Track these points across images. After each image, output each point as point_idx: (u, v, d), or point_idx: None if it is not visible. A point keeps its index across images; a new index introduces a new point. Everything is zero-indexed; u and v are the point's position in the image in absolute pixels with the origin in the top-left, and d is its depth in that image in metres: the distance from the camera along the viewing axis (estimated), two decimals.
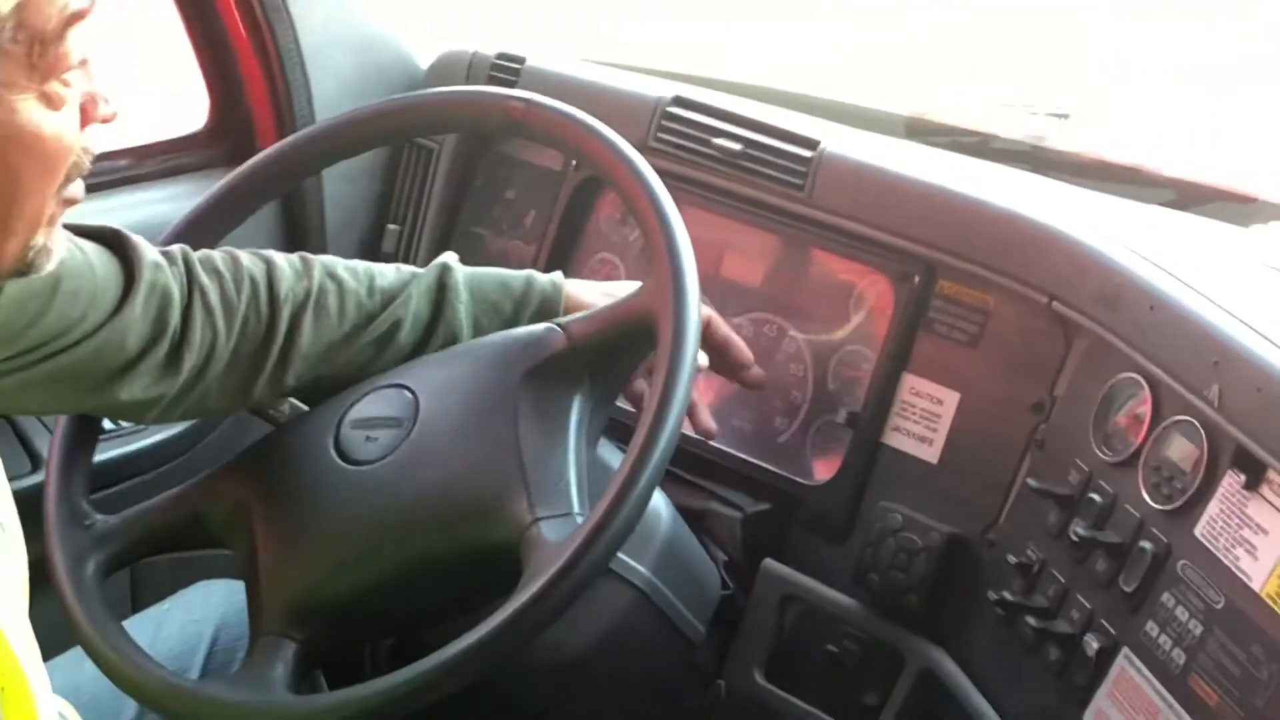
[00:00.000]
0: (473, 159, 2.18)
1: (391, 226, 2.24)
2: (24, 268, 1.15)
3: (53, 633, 1.58)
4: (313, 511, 1.52)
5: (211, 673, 1.67)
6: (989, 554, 1.61)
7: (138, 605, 1.84)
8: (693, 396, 1.56)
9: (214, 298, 1.50)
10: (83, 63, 1.10)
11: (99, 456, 1.71)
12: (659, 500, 1.67)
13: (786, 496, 1.81)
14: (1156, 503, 1.41)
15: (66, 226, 1.42)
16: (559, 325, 1.52)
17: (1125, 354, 1.49)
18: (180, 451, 2.08)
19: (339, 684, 1.42)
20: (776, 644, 1.77)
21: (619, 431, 1.58)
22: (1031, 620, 1.50)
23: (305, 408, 1.68)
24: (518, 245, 2.10)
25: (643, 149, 1.52)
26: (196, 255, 1.54)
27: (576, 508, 1.43)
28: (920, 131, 2.08)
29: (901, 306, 1.74)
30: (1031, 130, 2.12)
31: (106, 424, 1.87)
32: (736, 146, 1.88)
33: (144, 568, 1.78)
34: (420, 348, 1.60)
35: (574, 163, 2.03)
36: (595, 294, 1.62)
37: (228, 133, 2.24)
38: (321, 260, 1.59)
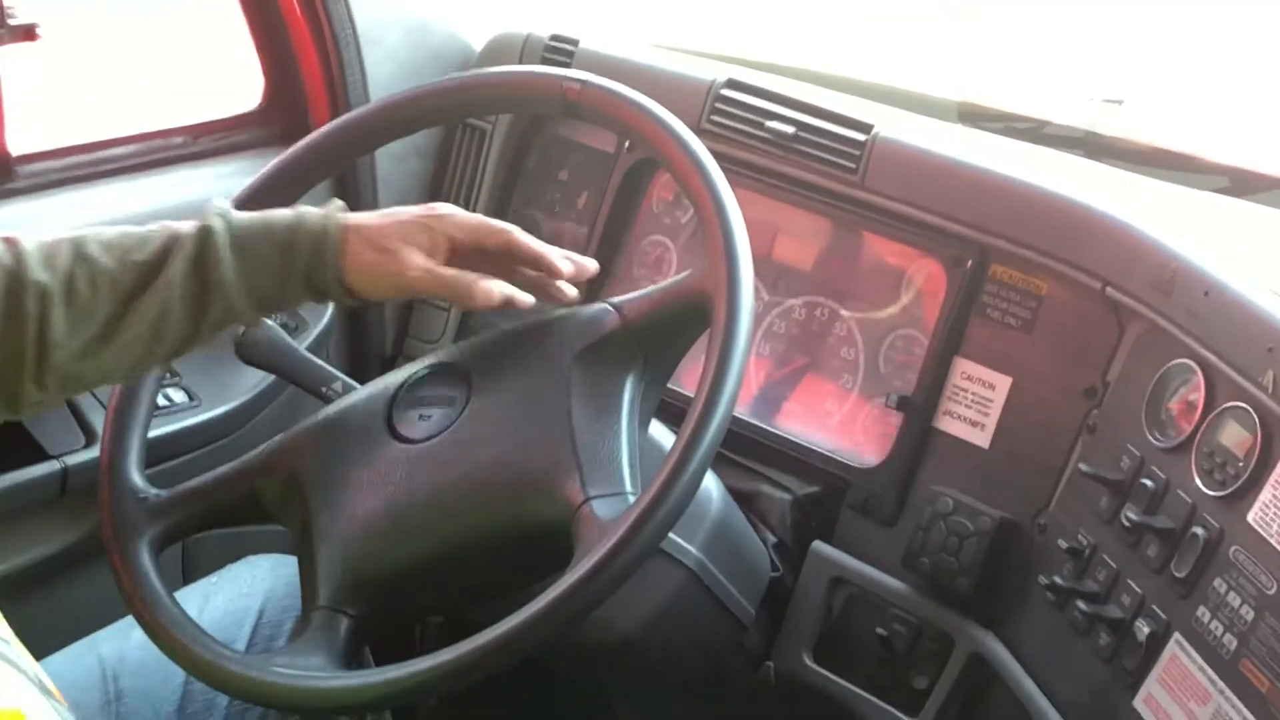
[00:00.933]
0: (526, 140, 2.18)
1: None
2: None
3: (104, 603, 1.61)
4: (366, 488, 1.53)
5: (256, 646, 1.68)
6: (1040, 538, 1.61)
7: (187, 578, 1.85)
8: None
9: None
10: None
11: (153, 432, 1.72)
12: (710, 481, 1.68)
13: (837, 479, 1.81)
14: (1209, 489, 1.41)
15: None
16: (613, 305, 1.53)
17: (1179, 340, 1.49)
18: (234, 427, 2.09)
19: (388, 662, 1.44)
20: (825, 626, 1.78)
21: (670, 412, 1.59)
22: (1082, 605, 1.50)
23: (357, 385, 1.69)
24: (570, 226, 2.10)
25: (696, 131, 1.52)
26: None
27: (629, 487, 1.44)
28: (973, 116, 2.08)
29: (954, 290, 1.74)
30: (1086, 116, 2.11)
31: (160, 399, 1.89)
32: (790, 130, 1.88)
33: (194, 541, 1.80)
34: (197, 327, 1.47)
35: (627, 144, 2.03)
36: (385, 222, 1.49)
37: (282, 111, 2.24)
38: (75, 238, 1.46)
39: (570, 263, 1.55)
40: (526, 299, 1.51)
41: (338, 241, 1.46)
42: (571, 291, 1.58)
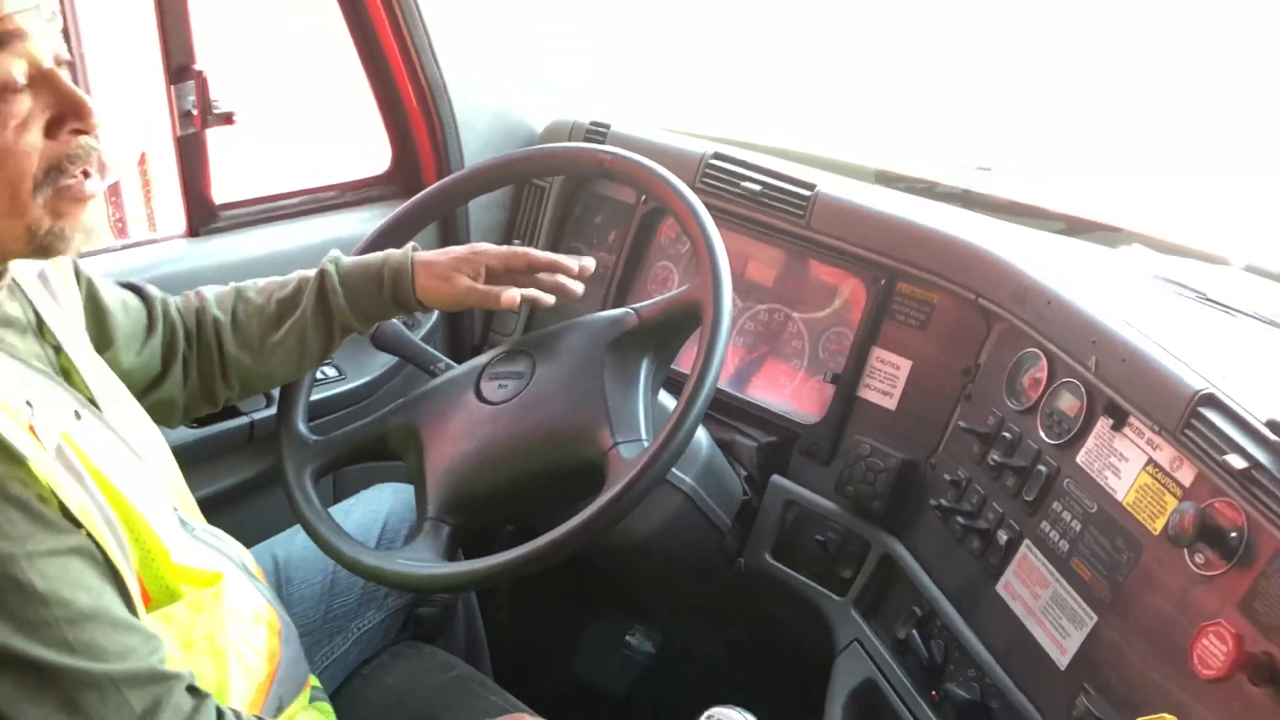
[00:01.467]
0: (573, 195, 2.17)
1: (515, 241, 2.22)
2: (38, 250, 1.08)
3: (279, 518, 1.61)
4: (461, 434, 1.54)
5: (383, 546, 1.68)
6: (931, 473, 1.61)
7: (336, 499, 1.86)
8: None
9: (179, 330, 1.51)
10: (38, 81, 1.02)
11: (313, 396, 1.73)
12: (701, 432, 1.68)
13: (789, 431, 1.80)
14: (1050, 439, 1.41)
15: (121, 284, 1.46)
16: (633, 309, 1.53)
17: (1029, 335, 1.49)
18: (369, 393, 2.08)
19: (476, 557, 1.44)
20: (780, 534, 1.77)
21: (672, 384, 1.58)
22: (960, 520, 1.50)
23: (455, 364, 1.69)
24: (604, 255, 2.09)
25: (691, 189, 1.52)
26: (168, 299, 1.53)
27: (644, 435, 1.44)
28: (885, 179, 2.06)
29: (872, 300, 1.73)
30: (964, 179, 2.10)
31: (318, 374, 1.89)
32: (757, 187, 1.88)
33: (343, 474, 1.79)
34: (328, 340, 1.56)
35: (644, 198, 2.02)
36: (424, 264, 1.56)
37: (403, 174, 2.23)
38: (241, 286, 1.57)
39: (576, 263, 1.61)
40: (545, 298, 1.59)
41: (410, 274, 1.55)
42: (579, 287, 1.61)
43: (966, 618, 1.47)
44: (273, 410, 1.92)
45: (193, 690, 1.07)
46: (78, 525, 1.00)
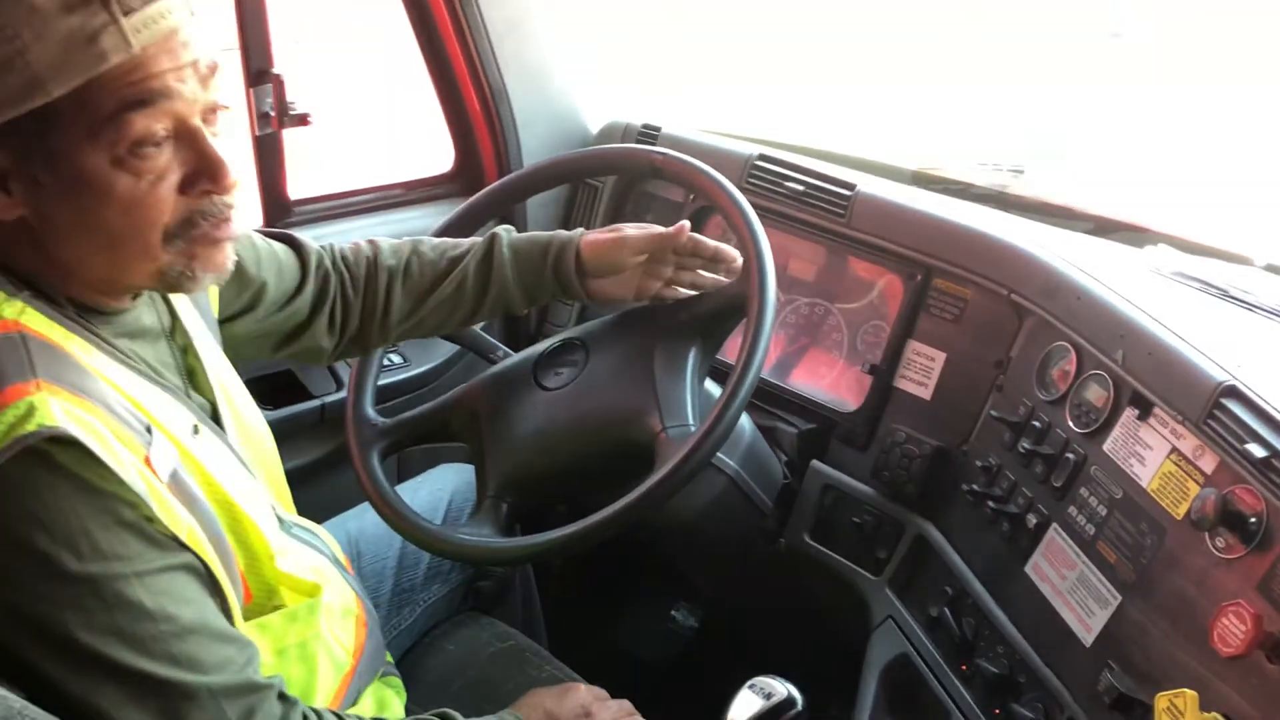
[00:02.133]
0: (624, 194, 2.18)
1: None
2: (167, 287, 1.09)
3: (349, 494, 1.64)
4: (519, 419, 1.55)
5: (449, 522, 1.70)
6: (963, 460, 1.61)
7: (404, 478, 1.88)
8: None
9: (346, 277, 1.51)
10: (181, 137, 1.00)
11: (381, 381, 1.75)
12: (744, 418, 1.69)
13: (828, 419, 1.80)
14: (1078, 428, 1.41)
15: (262, 231, 1.45)
16: (683, 303, 1.54)
17: (1059, 329, 1.49)
18: (433, 379, 2.11)
19: (532, 533, 1.46)
20: (819, 516, 1.77)
21: (718, 373, 1.60)
22: (991, 504, 1.50)
23: (513, 352, 1.71)
24: None
25: (737, 188, 1.53)
26: (336, 246, 1.53)
27: (692, 421, 1.45)
28: (922, 180, 2.06)
29: (908, 295, 1.73)
30: (997, 180, 2.09)
31: (385, 361, 1.91)
32: (800, 187, 1.88)
33: (407, 453, 1.82)
34: (482, 297, 1.54)
35: (692, 196, 2.03)
36: (592, 243, 1.53)
37: (466, 173, 2.26)
38: (415, 240, 1.56)
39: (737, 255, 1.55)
40: (679, 293, 1.56)
41: (576, 249, 1.53)
42: (726, 279, 1.56)
43: (996, 597, 1.47)
44: (343, 394, 1.95)
45: (282, 697, 1.09)
46: (184, 545, 1.03)
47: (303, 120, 1.95)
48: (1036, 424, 1.47)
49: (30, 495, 0.93)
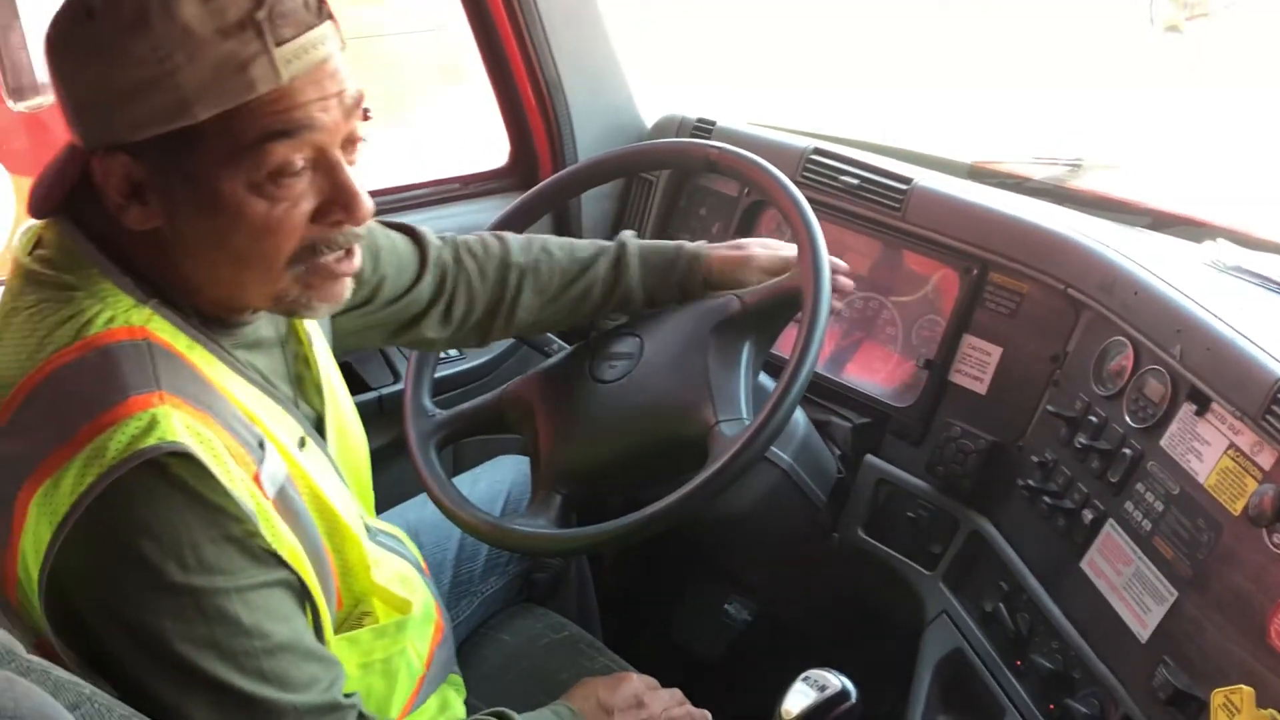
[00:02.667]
0: (678, 188, 2.19)
1: (625, 231, 2.25)
2: (282, 311, 1.11)
3: (407, 484, 1.66)
4: (574, 411, 1.57)
5: (507, 513, 1.73)
6: (1019, 455, 1.60)
7: (459, 469, 1.90)
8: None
9: (473, 270, 1.53)
10: (319, 167, 1.02)
11: (438, 374, 1.77)
12: (798, 412, 1.69)
13: (883, 414, 1.80)
14: (1135, 423, 1.40)
15: (382, 222, 1.47)
16: (737, 295, 1.55)
17: (1116, 324, 1.48)
18: (488, 371, 2.13)
19: (587, 524, 1.47)
20: (873, 510, 1.78)
21: (772, 367, 1.60)
22: (1047, 499, 1.50)
23: (568, 345, 1.73)
24: None
25: (793, 182, 1.54)
26: (461, 240, 1.55)
27: (745, 415, 1.46)
28: (978, 174, 2.06)
29: (964, 290, 1.73)
30: (1054, 174, 2.08)
31: (441, 354, 1.94)
32: (856, 181, 1.88)
33: (463, 445, 1.84)
34: (605, 302, 1.60)
35: (746, 190, 2.04)
36: (718, 257, 1.61)
37: (521, 167, 2.28)
38: (541, 238, 1.59)
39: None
40: None
41: (703, 263, 1.59)
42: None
43: (1051, 592, 1.47)
44: (400, 385, 1.98)
45: (362, 717, 1.12)
46: (284, 563, 1.05)
47: (365, 115, 1.97)
48: (1093, 419, 1.47)
49: (143, 505, 0.96)
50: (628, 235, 1.62)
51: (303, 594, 1.09)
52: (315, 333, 1.28)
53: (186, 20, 0.94)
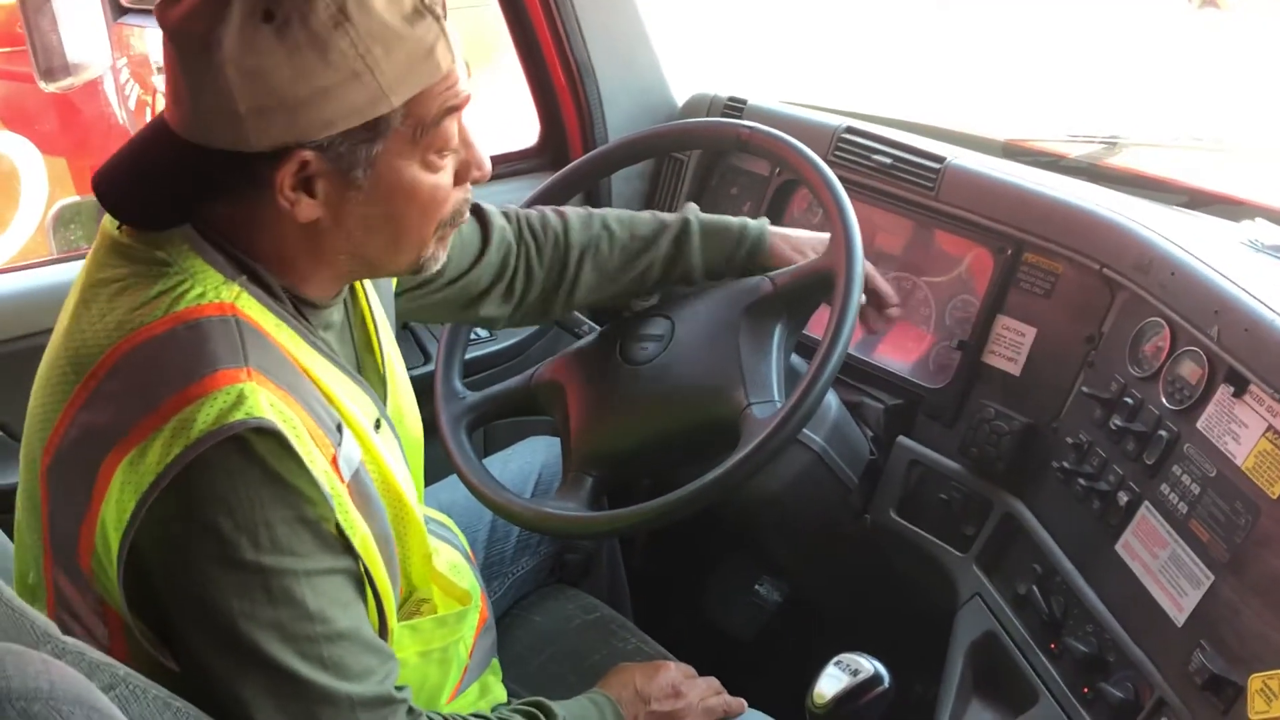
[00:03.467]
0: (709, 168, 2.18)
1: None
2: (416, 270, 1.15)
3: (438, 467, 1.67)
4: (605, 393, 1.58)
5: (538, 495, 1.74)
6: (1053, 437, 1.60)
7: (489, 451, 1.91)
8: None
9: (533, 248, 1.54)
10: (462, 140, 1.09)
11: (469, 355, 1.78)
12: (830, 394, 1.69)
13: (915, 395, 1.80)
14: (1171, 405, 1.40)
15: None
16: (769, 277, 1.55)
17: (1152, 304, 1.48)
18: (519, 352, 2.14)
19: (618, 506, 1.48)
20: (905, 492, 1.78)
21: (804, 348, 1.60)
22: (1081, 481, 1.49)
23: (598, 327, 1.73)
24: None
25: (824, 161, 1.54)
26: (523, 215, 1.57)
27: (777, 397, 1.46)
28: (1013, 152, 2.04)
29: (998, 270, 1.72)
30: (1090, 152, 2.07)
31: (471, 335, 1.95)
32: (888, 160, 1.88)
33: (493, 425, 1.85)
34: (666, 278, 1.61)
35: (777, 170, 2.03)
36: (781, 236, 1.64)
37: (551, 147, 2.28)
38: (601, 214, 1.60)
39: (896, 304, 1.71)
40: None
41: (768, 243, 1.61)
42: (898, 313, 1.70)
43: (1085, 575, 1.47)
44: (430, 367, 1.99)
45: (411, 711, 1.13)
46: (351, 550, 1.07)
47: None
48: (1128, 400, 1.47)
49: (223, 479, 0.98)
50: (692, 211, 1.63)
51: (365, 583, 1.10)
52: (380, 315, 1.29)
53: (380, 13, 0.97)
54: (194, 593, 1.00)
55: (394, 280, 1.37)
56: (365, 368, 1.25)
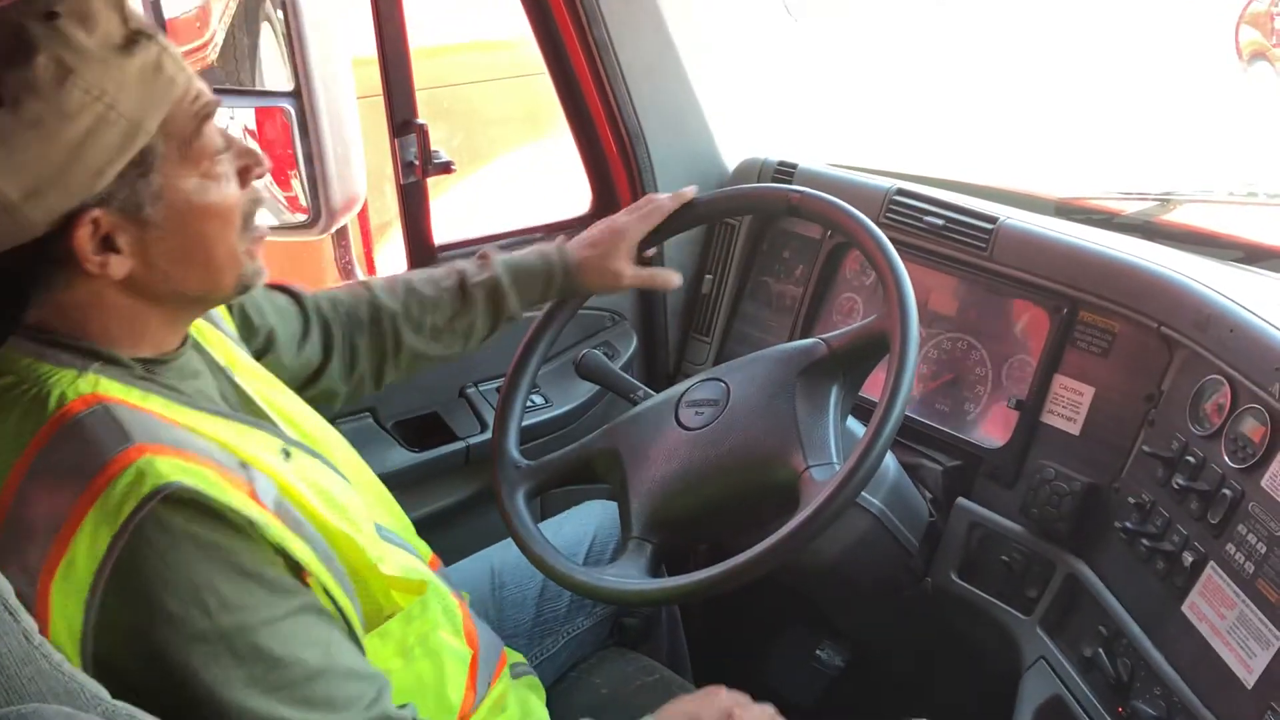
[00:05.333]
0: (761, 231, 2.21)
1: (708, 276, 2.28)
2: (244, 288, 1.16)
3: (493, 530, 1.69)
4: (662, 459, 1.58)
5: (591, 560, 1.74)
6: (1115, 497, 1.59)
7: (544, 515, 1.93)
8: None
9: (346, 321, 1.56)
10: (228, 142, 1.11)
11: (526, 422, 1.80)
12: (888, 456, 1.69)
13: (974, 456, 1.80)
14: (1234, 463, 1.39)
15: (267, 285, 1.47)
16: (824, 340, 1.56)
17: (1212, 362, 1.47)
18: (574, 419, 2.15)
19: (678, 574, 1.48)
20: (966, 554, 1.77)
21: (861, 411, 1.61)
22: (1145, 542, 1.49)
23: (653, 392, 1.75)
24: (790, 288, 2.13)
25: (876, 224, 1.55)
26: (328, 292, 1.58)
27: (836, 459, 1.47)
28: (1066, 210, 2.05)
29: (1054, 329, 1.73)
30: (1144, 209, 2.07)
31: (527, 402, 1.97)
32: (940, 222, 1.89)
33: (548, 493, 1.87)
34: (490, 330, 1.64)
35: (829, 233, 2.05)
36: (584, 246, 1.68)
37: (604, 214, 2.28)
38: (404, 277, 1.63)
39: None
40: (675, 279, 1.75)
41: (577, 266, 1.65)
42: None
43: (1152, 637, 1.46)
44: (487, 435, 2.02)
45: None
46: (304, 582, 1.09)
47: (446, 169, 2.02)
48: (1190, 459, 1.46)
49: (156, 559, 0.99)
50: (495, 260, 1.64)
51: (331, 613, 1.12)
52: (236, 347, 1.31)
53: (97, 52, 1.00)
54: (171, 677, 1.01)
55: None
56: (251, 401, 1.25)
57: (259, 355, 1.43)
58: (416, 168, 2.01)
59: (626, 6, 2.11)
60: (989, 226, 1.83)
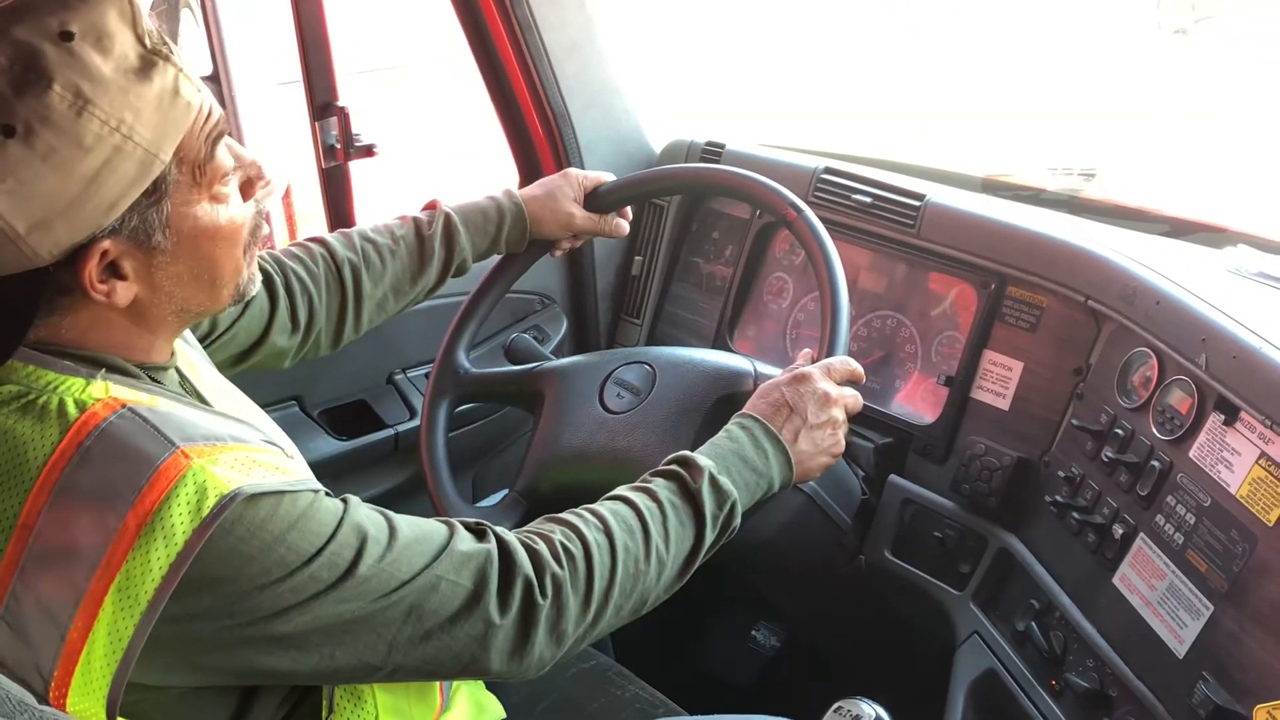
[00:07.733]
0: (690, 211, 2.20)
1: (638, 257, 2.26)
2: (239, 299, 1.14)
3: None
4: (570, 428, 1.60)
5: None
6: (1045, 470, 1.60)
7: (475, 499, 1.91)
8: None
9: (301, 272, 1.53)
10: (237, 161, 1.07)
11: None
12: None
13: (905, 433, 1.80)
14: (1162, 435, 1.40)
15: None
16: (754, 373, 1.53)
17: (1139, 334, 1.48)
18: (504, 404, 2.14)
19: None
20: (899, 531, 1.77)
21: None
22: (1075, 515, 1.49)
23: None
24: (720, 268, 2.12)
25: (804, 201, 1.54)
26: (282, 250, 1.56)
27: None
28: (992, 187, 2.05)
29: (982, 305, 1.73)
30: (1069, 184, 2.08)
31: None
32: (868, 199, 1.89)
33: (479, 476, 1.84)
34: (442, 280, 1.65)
35: (758, 213, 2.04)
36: (536, 200, 1.69)
37: None
38: (357, 230, 1.61)
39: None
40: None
41: (527, 209, 1.67)
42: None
43: (1084, 610, 1.46)
44: (416, 422, 1.99)
45: (504, 550, 1.14)
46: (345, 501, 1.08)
47: (369, 151, 1.99)
48: (1119, 432, 1.47)
49: (226, 555, 0.96)
50: (446, 205, 1.65)
51: (364, 504, 1.11)
52: (194, 349, 1.28)
53: (115, 80, 0.94)
54: (261, 634, 0.99)
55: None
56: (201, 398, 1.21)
57: (207, 336, 1.41)
58: (338, 151, 1.97)
59: None
60: (916, 204, 1.83)
